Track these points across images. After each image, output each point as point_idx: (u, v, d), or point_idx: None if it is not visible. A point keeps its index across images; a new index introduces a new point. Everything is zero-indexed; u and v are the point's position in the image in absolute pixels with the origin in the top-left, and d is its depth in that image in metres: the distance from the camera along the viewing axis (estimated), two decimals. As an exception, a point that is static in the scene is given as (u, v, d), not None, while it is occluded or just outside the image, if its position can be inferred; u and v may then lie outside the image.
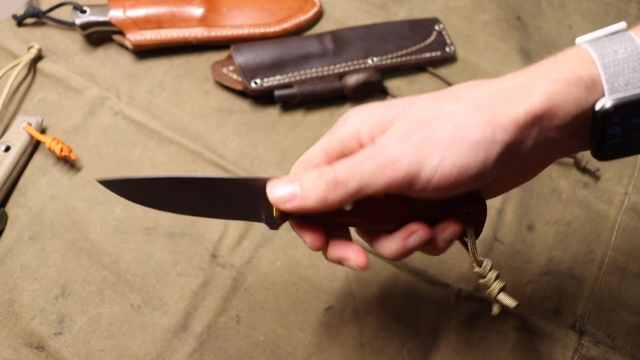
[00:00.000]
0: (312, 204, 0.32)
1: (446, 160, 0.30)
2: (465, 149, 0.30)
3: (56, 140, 0.55)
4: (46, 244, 0.52)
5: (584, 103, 0.30)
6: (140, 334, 0.49)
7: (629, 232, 0.56)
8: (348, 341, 0.49)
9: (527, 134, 0.31)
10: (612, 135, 0.30)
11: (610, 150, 0.31)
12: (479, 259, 0.37)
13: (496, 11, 0.70)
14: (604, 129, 0.30)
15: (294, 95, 0.60)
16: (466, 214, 0.35)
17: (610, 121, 0.29)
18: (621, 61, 0.29)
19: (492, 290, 0.37)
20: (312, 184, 0.32)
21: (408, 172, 0.30)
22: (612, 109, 0.29)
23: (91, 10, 0.61)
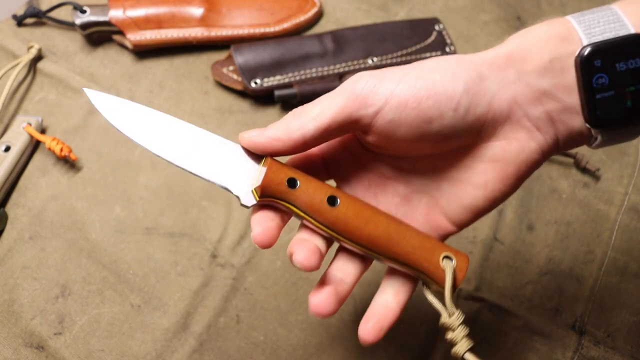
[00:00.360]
0: (274, 133, 0.31)
1: (409, 75, 0.30)
2: (432, 70, 0.30)
3: (56, 140, 0.55)
4: (46, 244, 0.52)
5: (557, 49, 0.30)
6: (140, 334, 0.49)
7: (629, 232, 0.56)
8: (348, 341, 0.49)
9: (503, 73, 0.30)
10: (600, 85, 0.29)
11: (603, 108, 0.29)
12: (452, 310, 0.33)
13: (496, 11, 0.70)
14: (589, 77, 0.29)
15: (294, 95, 0.60)
16: (447, 257, 0.33)
17: (592, 65, 0.29)
18: (596, 18, 0.30)
19: (459, 349, 0.32)
20: (277, 121, 0.32)
21: (365, 86, 0.30)
22: (592, 52, 0.29)
23: (91, 10, 0.61)
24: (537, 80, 0.30)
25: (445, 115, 0.30)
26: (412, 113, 0.30)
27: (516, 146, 0.31)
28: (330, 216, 0.32)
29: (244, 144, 0.33)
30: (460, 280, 0.33)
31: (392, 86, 0.30)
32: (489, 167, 0.32)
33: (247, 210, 0.55)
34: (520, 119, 0.31)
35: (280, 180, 0.32)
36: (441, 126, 0.30)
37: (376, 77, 0.30)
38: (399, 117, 0.30)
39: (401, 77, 0.30)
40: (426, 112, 0.30)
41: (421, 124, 0.30)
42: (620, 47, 0.29)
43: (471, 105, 0.30)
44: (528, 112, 0.31)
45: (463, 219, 0.34)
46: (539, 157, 0.32)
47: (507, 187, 0.32)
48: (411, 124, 0.30)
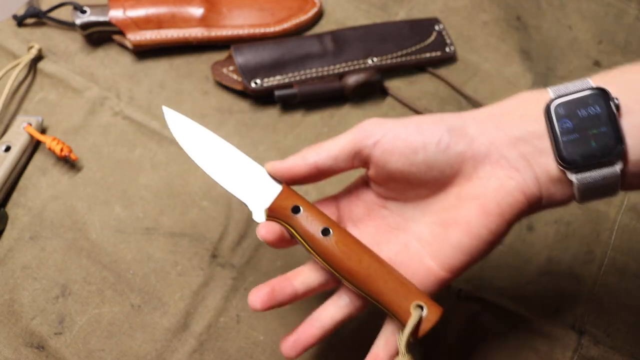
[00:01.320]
0: (292, 161, 0.38)
1: (398, 125, 0.36)
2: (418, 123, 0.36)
3: (56, 140, 0.55)
4: (46, 244, 0.52)
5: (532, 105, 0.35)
6: (140, 334, 0.49)
7: (629, 232, 0.56)
8: (348, 341, 0.49)
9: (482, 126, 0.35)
10: (565, 129, 0.33)
11: (570, 148, 0.33)
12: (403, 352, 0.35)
13: (496, 11, 0.70)
14: (555, 122, 0.33)
15: (294, 95, 0.60)
16: (419, 306, 0.35)
17: (558, 113, 0.33)
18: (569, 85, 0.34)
19: None
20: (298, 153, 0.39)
21: (369, 125, 0.37)
22: (557, 103, 0.34)
23: (91, 10, 0.61)
24: (512, 130, 0.35)
25: (429, 148, 0.35)
26: (401, 144, 0.36)
27: (495, 183, 0.35)
28: (320, 244, 0.37)
29: (267, 169, 0.39)
30: (425, 330, 0.35)
31: (390, 125, 0.37)
32: (472, 204, 0.35)
33: (247, 211, 0.55)
34: (498, 160, 0.35)
35: (286, 206, 0.38)
36: (425, 157, 0.35)
37: (379, 121, 0.37)
38: (391, 147, 0.36)
39: (398, 120, 0.37)
40: (412, 143, 0.35)
41: (409, 154, 0.36)
42: (580, 98, 0.33)
43: (452, 142, 0.35)
44: (505, 154, 0.35)
45: (455, 263, 0.36)
46: (520, 196, 0.34)
47: (491, 223, 0.35)
48: (401, 153, 0.36)
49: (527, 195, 0.34)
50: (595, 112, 0.33)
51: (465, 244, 0.35)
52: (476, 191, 0.35)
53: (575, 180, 0.34)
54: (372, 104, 0.63)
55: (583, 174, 0.33)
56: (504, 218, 0.35)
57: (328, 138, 0.38)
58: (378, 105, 0.63)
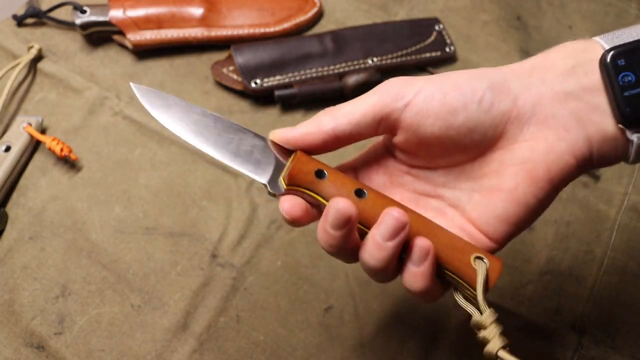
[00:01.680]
0: (305, 128, 0.33)
1: (430, 83, 0.31)
2: (453, 79, 0.31)
3: (56, 140, 0.55)
4: (46, 244, 0.52)
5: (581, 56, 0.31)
6: (140, 334, 0.49)
7: (629, 232, 0.56)
8: (348, 341, 0.49)
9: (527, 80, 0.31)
10: (626, 82, 0.29)
11: (632, 104, 0.29)
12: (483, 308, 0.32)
13: (496, 11, 0.70)
14: (615, 76, 0.29)
15: (294, 95, 0.60)
16: (479, 258, 0.32)
17: (616, 64, 0.29)
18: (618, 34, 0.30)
19: (492, 347, 0.31)
20: (312, 118, 0.33)
21: (397, 85, 0.32)
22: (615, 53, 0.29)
23: (91, 10, 0.61)
24: (561, 84, 0.30)
25: (470, 107, 0.30)
26: (437, 104, 0.31)
27: (544, 146, 0.31)
28: (358, 207, 0.31)
29: (275, 138, 0.34)
30: (493, 282, 0.32)
31: (421, 83, 0.31)
32: (518, 169, 0.31)
33: (247, 211, 0.55)
34: (546, 119, 0.31)
35: (308, 170, 0.33)
36: (466, 118, 0.31)
37: (406, 79, 0.32)
38: (426, 108, 0.31)
39: (429, 78, 0.32)
40: (451, 104, 0.30)
41: (447, 116, 0.31)
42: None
43: (495, 100, 0.30)
44: (554, 112, 0.31)
45: (499, 232, 0.33)
46: (571, 160, 0.31)
47: (539, 190, 0.31)
48: (437, 115, 0.31)
49: (577, 157, 0.31)
50: None
51: (511, 213, 0.32)
52: (522, 155, 0.31)
53: (636, 139, 0.30)
54: (372, 104, 0.63)
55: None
56: (553, 184, 0.32)
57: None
58: (378, 105, 0.63)
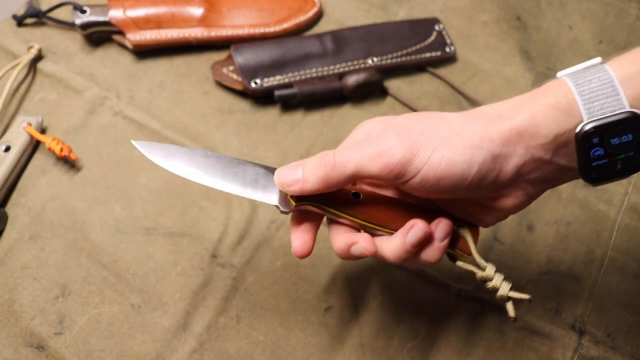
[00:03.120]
0: (311, 186, 0.36)
1: (436, 154, 0.34)
2: (455, 148, 0.34)
3: (56, 140, 0.55)
4: (46, 244, 0.52)
5: (562, 124, 0.34)
6: (140, 334, 0.49)
7: (629, 232, 0.56)
8: (348, 341, 0.49)
9: (513, 149, 0.35)
10: (595, 156, 0.34)
11: (597, 171, 0.34)
12: (483, 264, 0.38)
13: (496, 11, 0.70)
14: (587, 150, 0.33)
15: (294, 95, 0.60)
16: (461, 226, 0.39)
17: (590, 142, 0.33)
18: (595, 89, 0.33)
19: (503, 291, 0.37)
20: (313, 168, 0.36)
21: (401, 159, 0.34)
22: (590, 131, 0.33)
23: (91, 10, 0.61)
24: (541, 153, 0.35)
25: (457, 190, 0.35)
26: (431, 187, 0.35)
27: (513, 201, 0.37)
28: (357, 208, 0.38)
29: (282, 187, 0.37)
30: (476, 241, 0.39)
31: (421, 165, 0.34)
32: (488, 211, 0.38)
33: (247, 211, 0.55)
34: (519, 183, 0.36)
35: None
36: (452, 195, 0.36)
37: (410, 150, 0.34)
38: (420, 186, 0.35)
39: (430, 156, 0.34)
40: (442, 187, 0.35)
41: (437, 193, 0.36)
42: (615, 126, 0.33)
43: (480, 181, 0.35)
44: (527, 177, 0.36)
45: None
46: (528, 203, 0.38)
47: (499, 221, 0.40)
48: (429, 192, 0.36)
49: (533, 199, 0.38)
50: (627, 140, 0.33)
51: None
52: (493, 205, 0.38)
53: (592, 185, 0.36)
54: (372, 104, 0.63)
55: (600, 183, 0.35)
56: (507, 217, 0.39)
57: (328, 138, 0.37)
58: (378, 105, 0.63)
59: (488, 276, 0.38)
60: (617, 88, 0.33)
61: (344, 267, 0.52)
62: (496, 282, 0.38)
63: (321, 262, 0.53)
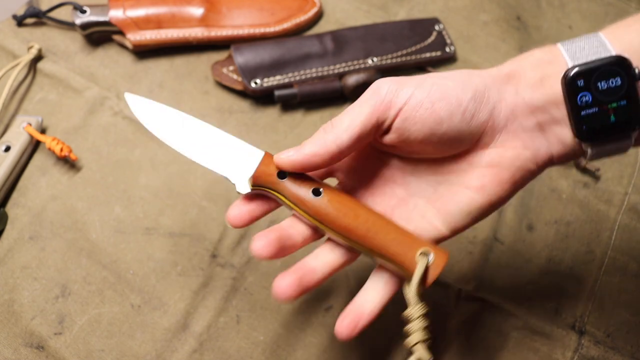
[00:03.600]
0: (310, 149, 0.34)
1: (427, 81, 0.34)
2: (441, 87, 0.34)
3: (56, 140, 0.55)
4: (46, 244, 0.52)
5: (548, 70, 0.33)
6: (140, 334, 0.49)
7: (629, 232, 0.56)
8: (348, 341, 0.49)
9: (503, 88, 0.34)
10: (584, 103, 0.32)
11: (588, 122, 0.32)
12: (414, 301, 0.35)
13: (496, 11, 0.70)
14: (574, 96, 0.32)
15: (294, 95, 0.60)
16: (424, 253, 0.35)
17: (576, 85, 0.32)
18: (581, 45, 0.33)
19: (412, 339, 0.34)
20: (311, 138, 0.35)
21: (389, 89, 0.34)
22: (575, 73, 0.32)
23: (91, 10, 0.61)
24: (531, 95, 0.34)
25: (454, 118, 0.33)
26: (426, 113, 0.33)
27: (512, 153, 0.34)
28: (313, 205, 0.35)
29: (282, 165, 0.35)
30: (435, 276, 0.35)
31: (411, 89, 0.34)
32: (487, 171, 0.35)
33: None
34: (516, 129, 0.34)
35: (271, 172, 0.36)
36: (449, 127, 0.34)
37: (397, 83, 0.34)
38: (414, 115, 0.33)
39: (419, 82, 0.34)
40: (438, 113, 0.33)
41: (432, 124, 0.33)
42: (600, 68, 0.32)
43: (476, 111, 0.34)
44: (523, 124, 0.34)
45: (459, 222, 0.36)
46: (533, 166, 0.35)
47: (504, 191, 0.35)
48: (424, 123, 0.33)
49: (539, 164, 0.35)
50: (616, 84, 0.32)
51: (477, 206, 0.35)
52: (491, 160, 0.35)
53: (590, 151, 0.34)
54: (372, 104, 0.63)
55: (599, 146, 0.33)
56: (515, 186, 0.35)
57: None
58: (378, 105, 0.63)
59: (410, 316, 0.35)
60: (603, 40, 0.32)
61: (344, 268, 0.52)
62: (413, 327, 0.34)
63: (321, 262, 0.53)
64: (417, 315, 0.35)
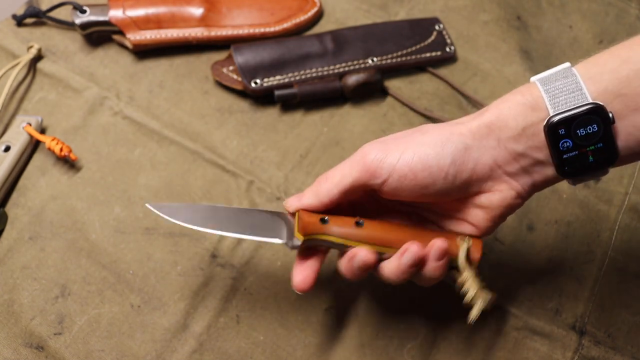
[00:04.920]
0: (307, 199, 0.40)
1: (407, 151, 0.37)
2: (425, 144, 0.37)
3: (56, 140, 0.55)
4: (46, 244, 0.52)
5: (530, 118, 0.36)
6: (140, 334, 0.48)
7: (629, 232, 0.56)
8: (348, 341, 0.49)
9: (484, 142, 0.37)
10: (565, 147, 0.35)
11: (570, 164, 0.36)
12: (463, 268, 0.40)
13: (496, 11, 0.70)
14: (556, 142, 0.35)
15: (294, 95, 0.60)
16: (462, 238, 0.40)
17: (558, 134, 0.35)
18: (560, 86, 0.35)
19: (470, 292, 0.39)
20: (310, 188, 0.41)
21: (374, 158, 0.37)
22: (556, 123, 0.35)
23: (91, 10, 0.61)
24: (513, 145, 0.36)
25: (437, 183, 0.37)
26: (410, 183, 0.37)
27: (499, 196, 0.38)
28: (360, 234, 0.40)
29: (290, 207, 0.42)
30: (479, 251, 0.40)
31: (394, 162, 0.37)
32: (480, 211, 0.39)
33: (247, 210, 0.55)
34: (500, 176, 0.38)
35: (314, 220, 0.40)
36: (435, 190, 0.38)
37: (382, 151, 0.38)
38: (400, 186, 0.37)
39: (402, 152, 0.37)
40: (422, 182, 0.37)
41: (419, 190, 0.38)
42: (579, 117, 0.35)
43: (457, 173, 0.37)
44: (506, 170, 0.37)
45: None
46: (519, 200, 0.39)
47: (495, 223, 0.40)
48: (411, 190, 0.38)
49: (524, 197, 0.39)
50: (593, 130, 0.35)
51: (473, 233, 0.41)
52: (482, 203, 0.39)
53: (571, 182, 0.38)
54: (372, 104, 0.63)
55: (579, 177, 0.37)
56: (504, 219, 0.40)
57: (328, 138, 0.38)
58: (378, 105, 0.63)
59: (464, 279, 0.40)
60: (580, 84, 0.35)
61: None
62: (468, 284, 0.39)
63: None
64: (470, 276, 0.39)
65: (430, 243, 0.39)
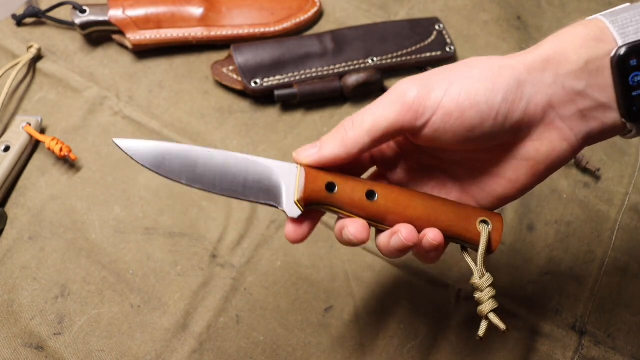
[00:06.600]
0: (329, 150, 0.34)
1: (454, 86, 0.32)
2: (474, 78, 0.32)
3: (56, 140, 0.55)
4: (46, 244, 0.52)
5: (594, 50, 0.31)
6: (140, 334, 0.48)
7: (630, 232, 0.56)
8: (348, 341, 0.49)
9: (540, 77, 0.32)
10: (636, 83, 0.30)
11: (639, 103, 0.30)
12: (482, 272, 0.36)
13: (496, 11, 0.70)
14: (625, 75, 0.30)
15: (294, 95, 0.60)
16: (483, 222, 0.36)
17: (628, 65, 0.30)
18: (629, 17, 0.30)
19: (484, 308, 0.36)
20: (331, 134, 0.34)
21: (417, 96, 0.32)
22: (627, 53, 0.30)
23: (91, 10, 0.61)
24: (573, 82, 0.31)
25: (486, 123, 0.32)
26: (456, 123, 0.32)
27: (548, 147, 0.33)
28: (371, 210, 0.34)
29: (303, 162, 0.34)
30: (497, 241, 0.36)
31: (440, 97, 0.32)
32: (522, 164, 0.34)
33: (247, 211, 0.55)
34: (553, 121, 0.32)
35: (319, 188, 0.34)
36: (482, 133, 0.32)
37: (424, 87, 0.32)
38: (444, 127, 0.32)
39: (447, 87, 0.32)
40: (469, 122, 0.32)
41: (464, 132, 0.32)
42: None
43: (509, 112, 0.32)
44: (561, 113, 0.32)
45: (490, 206, 0.37)
46: (570, 153, 0.33)
47: (535, 181, 0.35)
48: (455, 132, 0.32)
49: (575, 149, 0.34)
50: None
51: (508, 195, 0.36)
52: (527, 154, 0.34)
53: (635, 130, 0.32)
54: (372, 104, 0.63)
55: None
56: (550, 173, 0.35)
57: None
58: (378, 105, 0.63)
59: (480, 286, 0.36)
60: None
61: (344, 267, 0.52)
62: (483, 296, 0.35)
63: (321, 262, 0.52)
64: (486, 285, 0.36)
65: (423, 232, 0.34)
